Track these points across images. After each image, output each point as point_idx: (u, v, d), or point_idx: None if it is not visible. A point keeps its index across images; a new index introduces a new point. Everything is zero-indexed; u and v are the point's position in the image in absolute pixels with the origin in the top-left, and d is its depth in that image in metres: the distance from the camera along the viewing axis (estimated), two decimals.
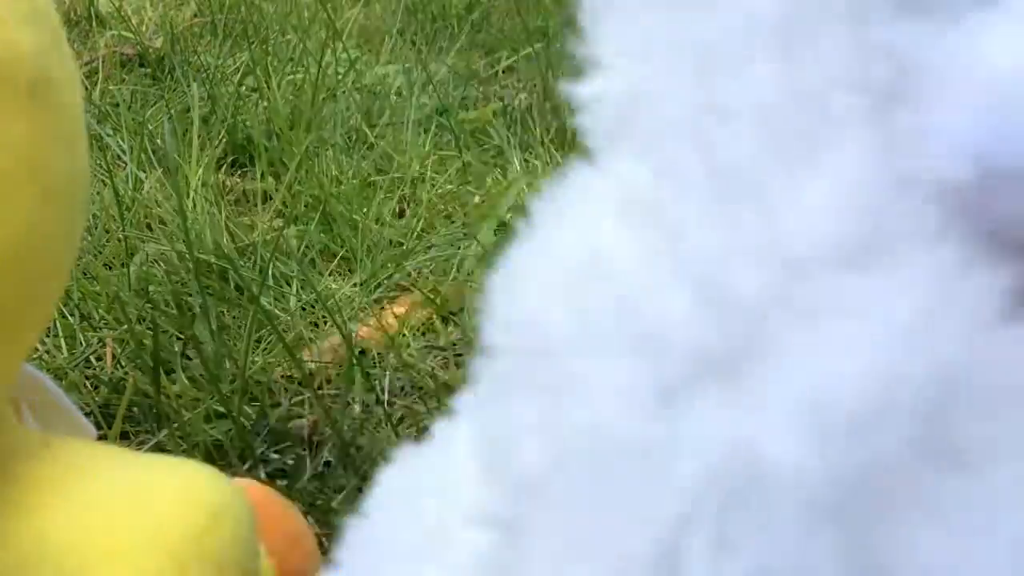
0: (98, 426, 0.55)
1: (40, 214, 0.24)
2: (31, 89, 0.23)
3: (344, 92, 1.06)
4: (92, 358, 0.61)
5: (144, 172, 0.84)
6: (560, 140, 0.96)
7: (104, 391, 0.57)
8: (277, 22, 1.20)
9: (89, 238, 0.76)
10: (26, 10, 0.24)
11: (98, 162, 0.88)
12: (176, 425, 0.51)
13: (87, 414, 0.56)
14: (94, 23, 1.15)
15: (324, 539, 0.42)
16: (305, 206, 0.81)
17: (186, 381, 0.57)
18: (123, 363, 0.60)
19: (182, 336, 0.61)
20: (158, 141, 0.90)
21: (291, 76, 1.05)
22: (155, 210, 0.78)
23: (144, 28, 1.16)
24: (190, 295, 0.67)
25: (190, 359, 0.59)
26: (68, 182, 0.25)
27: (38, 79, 0.24)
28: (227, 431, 0.52)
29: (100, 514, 0.25)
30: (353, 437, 0.51)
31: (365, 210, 0.79)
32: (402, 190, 0.85)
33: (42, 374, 0.34)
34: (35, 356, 0.61)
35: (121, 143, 0.89)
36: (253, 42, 1.11)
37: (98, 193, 0.82)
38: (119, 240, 0.73)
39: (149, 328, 0.59)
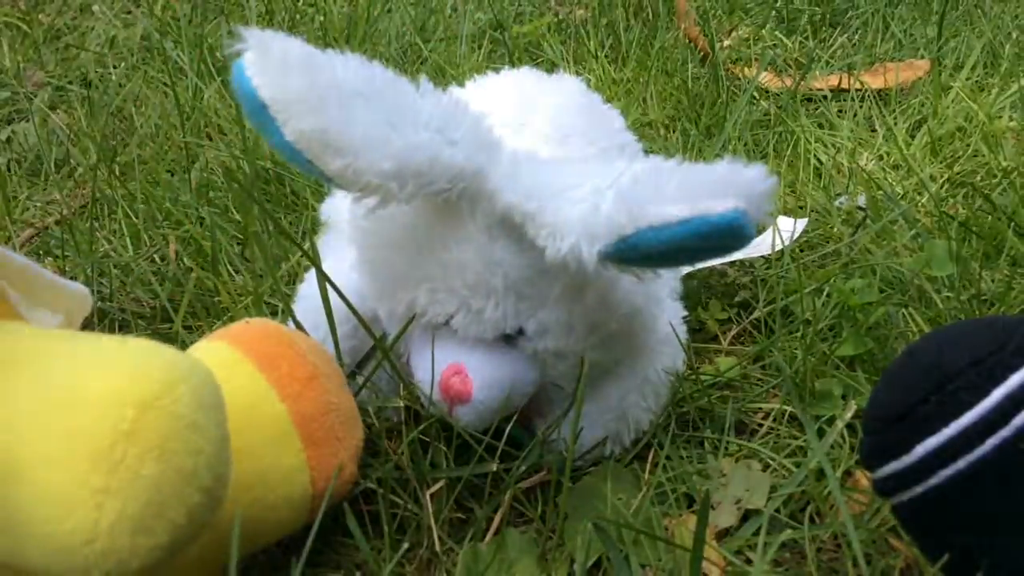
0: (163, 319, 0.58)
1: None
2: None
3: (399, 6, 1.06)
4: (156, 257, 0.64)
5: (204, 83, 0.86)
6: (615, 54, 0.95)
7: (168, 286, 0.60)
8: None
9: (152, 145, 0.79)
10: None
11: (160, 73, 0.90)
12: (232, 316, 0.54)
13: (151, 308, 0.59)
14: None
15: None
16: None
17: (242, 278, 0.59)
18: (185, 260, 0.62)
19: (240, 237, 0.63)
20: (217, 54, 0.92)
21: None
22: (214, 119, 0.80)
23: None
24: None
25: (248, 260, 0.62)
26: None
27: None
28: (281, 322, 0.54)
29: (32, 418, 0.25)
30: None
31: None
32: None
33: (9, 250, 0.34)
34: (102, 253, 0.64)
35: (182, 55, 0.91)
36: None
37: (160, 103, 0.85)
38: (180, 147, 0.76)
39: (208, 230, 0.62)
